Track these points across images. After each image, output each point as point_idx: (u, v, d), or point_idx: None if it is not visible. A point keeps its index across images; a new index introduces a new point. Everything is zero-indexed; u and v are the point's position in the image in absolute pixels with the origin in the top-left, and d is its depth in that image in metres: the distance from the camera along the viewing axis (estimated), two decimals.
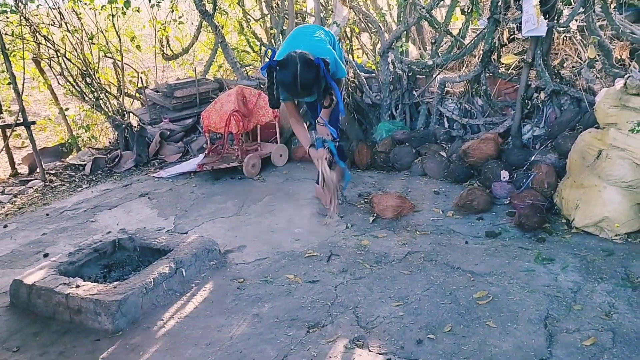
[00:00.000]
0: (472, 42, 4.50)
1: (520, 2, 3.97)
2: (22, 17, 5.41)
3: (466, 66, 5.06)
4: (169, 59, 7.56)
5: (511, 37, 4.59)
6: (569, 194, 3.45)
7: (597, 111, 3.36)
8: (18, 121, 5.46)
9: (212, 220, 3.98)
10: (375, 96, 5.16)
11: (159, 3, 5.99)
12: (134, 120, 6.22)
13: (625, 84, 3.15)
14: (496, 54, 4.52)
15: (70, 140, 6.23)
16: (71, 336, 2.66)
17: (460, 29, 4.81)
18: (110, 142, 6.55)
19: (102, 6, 5.87)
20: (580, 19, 4.26)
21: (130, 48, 6.83)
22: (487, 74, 4.48)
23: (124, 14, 5.96)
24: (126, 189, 4.89)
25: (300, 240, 3.53)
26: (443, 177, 4.36)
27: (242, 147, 4.91)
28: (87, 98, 5.87)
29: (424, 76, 4.97)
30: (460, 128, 4.84)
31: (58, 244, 3.81)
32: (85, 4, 5.83)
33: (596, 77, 4.15)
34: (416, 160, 4.57)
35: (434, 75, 4.83)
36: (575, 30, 4.41)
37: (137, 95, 6.78)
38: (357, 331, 2.51)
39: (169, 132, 5.98)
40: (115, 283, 2.83)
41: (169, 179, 5.04)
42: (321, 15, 5.43)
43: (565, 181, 3.60)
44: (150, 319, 2.73)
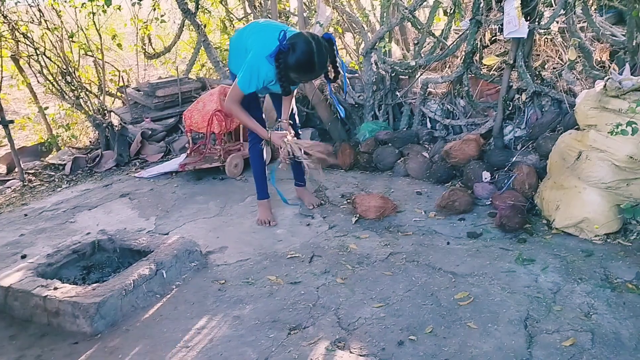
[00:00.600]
0: (455, 43, 4.52)
1: (502, 4, 3.99)
2: (0, 15, 5.31)
3: (448, 67, 5.07)
4: (150, 58, 7.49)
5: (493, 38, 4.61)
6: (549, 195, 3.48)
7: (577, 113, 3.39)
8: None
9: (194, 221, 3.95)
10: (359, 96, 5.16)
11: (141, 1, 5.92)
12: (115, 120, 6.14)
13: (605, 86, 3.18)
14: (478, 55, 4.54)
15: (49, 140, 6.14)
16: (49, 339, 2.62)
17: (443, 30, 4.83)
18: (90, 141, 6.46)
19: (83, 4, 5.79)
20: (561, 20, 4.30)
21: (111, 46, 6.75)
22: (470, 75, 4.50)
23: (104, 11, 5.89)
24: (106, 189, 4.83)
25: (282, 241, 3.52)
26: (425, 178, 4.37)
27: (224, 147, 4.88)
28: (67, 97, 5.79)
29: (407, 77, 4.98)
30: (442, 129, 4.86)
31: (36, 245, 3.75)
32: (65, 1, 5.75)
33: (577, 78, 4.19)
34: (399, 161, 4.57)
35: (417, 76, 4.84)
36: (556, 32, 4.45)
37: (118, 94, 6.71)
38: (339, 333, 2.51)
39: (150, 132, 5.92)
40: (94, 285, 2.79)
41: (150, 179, 4.99)
42: (304, 14, 5.42)
43: (546, 182, 3.63)
44: (129, 321, 2.70)
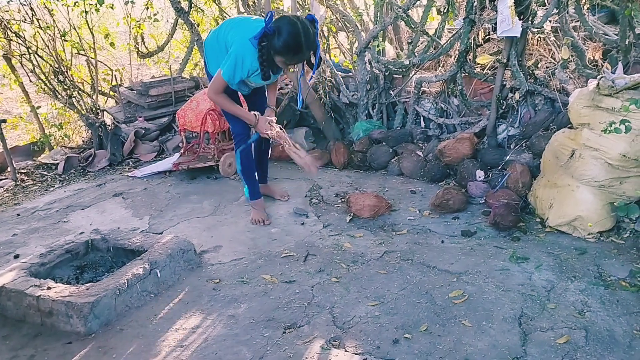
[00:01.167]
0: (448, 42, 4.53)
1: (495, 3, 4.00)
2: None
3: (442, 66, 5.09)
4: (144, 57, 7.44)
5: (486, 37, 4.63)
6: (543, 193, 3.49)
7: (571, 111, 3.40)
8: None
9: (188, 220, 3.93)
10: (352, 95, 5.15)
11: (134, 0, 5.90)
12: (108, 119, 6.11)
13: (598, 84, 3.19)
14: (472, 54, 4.55)
15: (42, 139, 6.10)
16: (42, 339, 2.60)
17: (437, 29, 4.83)
18: (83, 140, 6.43)
19: (75, 2, 5.76)
20: (554, 20, 4.32)
21: (104, 45, 6.71)
22: (463, 74, 4.51)
23: (97, 10, 5.85)
24: (100, 189, 4.81)
25: (276, 240, 3.51)
26: (419, 177, 4.38)
27: (218, 146, 4.86)
28: (59, 96, 5.76)
29: (401, 76, 4.98)
30: (436, 127, 4.87)
31: (29, 244, 3.73)
32: (57, 0, 5.73)
33: (570, 77, 4.21)
34: (393, 160, 4.58)
35: (411, 75, 4.84)
36: (549, 31, 4.47)
37: (111, 93, 6.67)
38: (334, 331, 2.51)
39: (143, 131, 5.90)
40: (88, 285, 2.77)
41: (144, 178, 4.97)
42: (298, 13, 5.41)
43: (540, 181, 3.64)
44: (123, 321, 2.69)
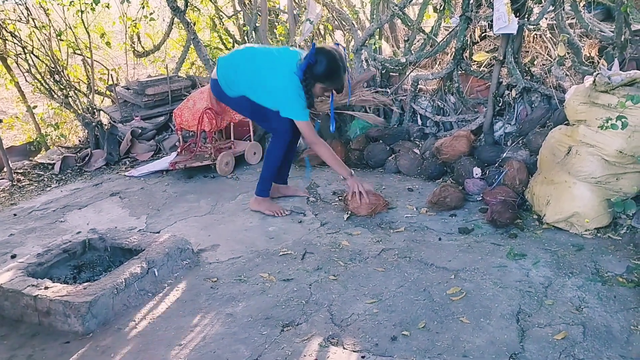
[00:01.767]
0: (445, 40, 4.53)
1: (491, 0, 4.00)
2: None
3: (439, 64, 5.08)
4: (140, 56, 7.43)
5: (483, 34, 4.63)
6: (539, 190, 3.50)
7: (567, 108, 3.41)
8: None
9: (185, 219, 3.93)
10: None
11: None
12: (104, 118, 6.09)
13: (594, 81, 3.20)
14: (468, 51, 4.56)
15: (38, 139, 6.08)
16: (40, 339, 2.60)
17: (433, 27, 4.84)
18: (80, 140, 6.41)
19: (71, 1, 5.74)
20: (550, 17, 4.32)
21: (100, 45, 6.70)
22: (460, 72, 4.51)
23: (93, 10, 5.83)
24: (97, 188, 4.80)
25: (274, 238, 3.51)
26: (416, 174, 4.38)
27: (215, 145, 4.86)
28: (55, 96, 5.74)
29: (397, 74, 4.98)
30: (433, 125, 4.86)
31: (26, 244, 3.72)
32: None
33: (566, 74, 4.22)
34: (390, 158, 4.58)
35: (407, 73, 4.85)
36: (546, 28, 4.47)
37: (108, 92, 6.65)
38: (332, 329, 2.51)
39: (140, 130, 5.89)
40: (86, 284, 2.77)
41: (141, 177, 4.97)
42: (294, 12, 5.41)
43: (536, 177, 3.64)
44: (121, 320, 2.69)
